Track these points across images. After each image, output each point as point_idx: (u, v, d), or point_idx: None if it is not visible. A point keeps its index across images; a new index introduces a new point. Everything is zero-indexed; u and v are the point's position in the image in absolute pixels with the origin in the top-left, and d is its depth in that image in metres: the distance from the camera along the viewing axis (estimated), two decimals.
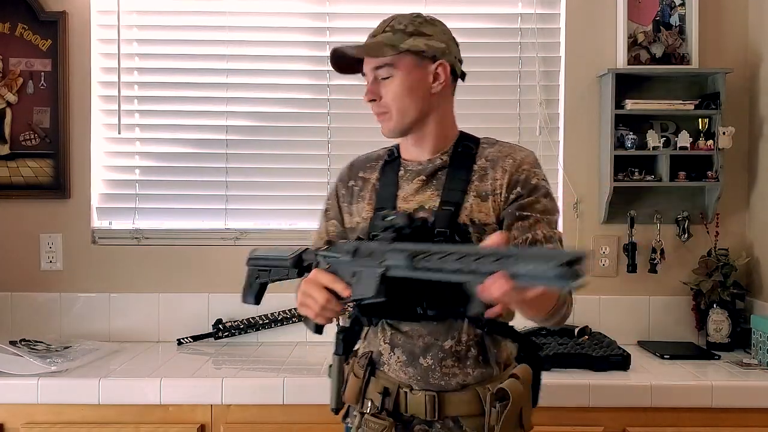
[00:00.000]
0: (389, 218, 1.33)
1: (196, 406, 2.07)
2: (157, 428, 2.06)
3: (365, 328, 1.57)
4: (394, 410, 1.47)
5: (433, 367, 1.46)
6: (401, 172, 1.55)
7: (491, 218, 1.46)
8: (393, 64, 1.48)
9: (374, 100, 1.50)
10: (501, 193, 1.47)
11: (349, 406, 1.56)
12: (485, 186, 1.48)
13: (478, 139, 1.57)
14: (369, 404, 1.48)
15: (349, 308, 1.52)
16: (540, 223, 1.44)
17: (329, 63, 1.56)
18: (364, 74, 1.54)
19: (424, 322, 1.45)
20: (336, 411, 1.53)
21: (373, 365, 1.51)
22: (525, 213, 1.45)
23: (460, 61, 1.57)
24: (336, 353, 1.51)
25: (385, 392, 1.47)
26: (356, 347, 1.59)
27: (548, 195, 1.49)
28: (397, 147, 1.60)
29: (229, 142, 2.62)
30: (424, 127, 1.52)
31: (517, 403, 1.41)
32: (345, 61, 1.53)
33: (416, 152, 1.55)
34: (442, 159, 1.52)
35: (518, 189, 1.47)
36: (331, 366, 1.54)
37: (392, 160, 1.58)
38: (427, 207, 1.47)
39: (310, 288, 1.37)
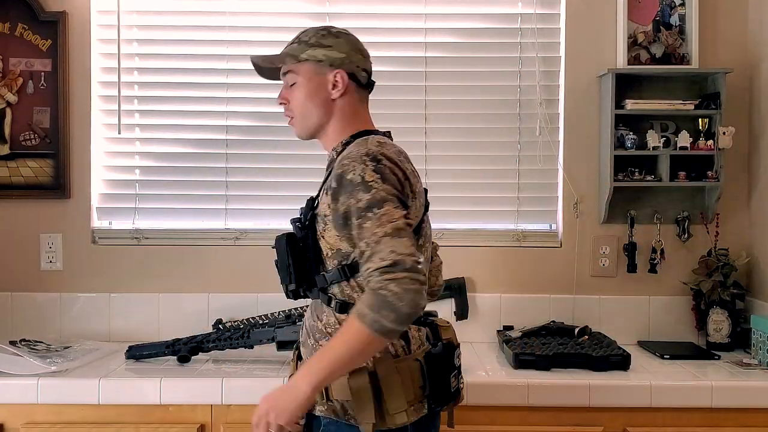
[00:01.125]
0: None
1: (196, 406, 2.07)
2: (157, 428, 2.06)
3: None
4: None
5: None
6: None
7: (327, 211, 1.53)
8: (296, 72, 1.64)
9: (284, 104, 1.67)
10: (328, 191, 1.52)
11: None
12: (327, 183, 1.55)
13: (352, 142, 1.59)
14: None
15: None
16: (362, 230, 1.43)
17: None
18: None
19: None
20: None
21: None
22: (349, 222, 1.46)
23: (365, 70, 1.65)
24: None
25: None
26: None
27: (364, 188, 1.44)
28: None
29: (229, 142, 2.62)
30: (327, 130, 1.64)
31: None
32: (265, 69, 1.75)
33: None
34: (330, 156, 1.64)
35: (333, 186, 1.49)
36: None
37: None
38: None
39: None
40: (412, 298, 1.34)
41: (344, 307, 1.52)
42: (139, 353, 2.28)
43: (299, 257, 1.57)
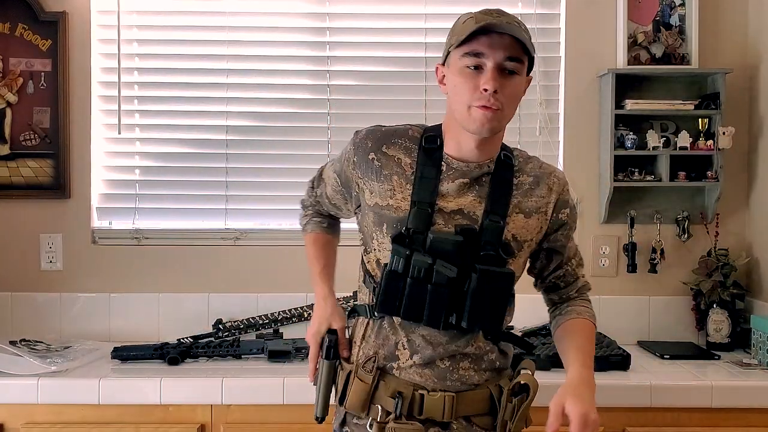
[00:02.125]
0: (451, 239, 1.40)
1: (196, 406, 2.07)
2: (157, 428, 2.06)
3: (360, 331, 1.52)
4: (408, 414, 1.44)
5: (451, 368, 1.45)
6: (443, 167, 1.47)
7: (531, 235, 1.50)
8: (523, 62, 1.41)
9: (494, 92, 1.37)
10: (547, 212, 1.51)
11: (346, 413, 1.52)
12: (529, 202, 1.49)
13: (511, 149, 1.55)
14: (379, 410, 1.44)
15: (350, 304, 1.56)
16: (570, 240, 1.60)
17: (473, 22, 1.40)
18: (476, 54, 1.39)
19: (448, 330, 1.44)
20: (321, 419, 1.52)
21: (381, 369, 1.47)
22: (567, 235, 1.58)
23: None
24: (326, 358, 1.51)
25: (400, 396, 1.43)
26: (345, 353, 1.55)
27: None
28: (437, 133, 1.51)
29: (229, 142, 2.62)
30: (502, 132, 1.50)
31: (534, 395, 1.45)
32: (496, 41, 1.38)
33: (468, 152, 1.46)
34: (489, 166, 1.48)
35: (566, 210, 1.54)
36: (318, 369, 1.54)
37: (435, 149, 1.48)
38: (466, 212, 1.45)
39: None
40: None
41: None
42: (126, 354, 2.27)
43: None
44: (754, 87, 2.54)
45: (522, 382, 1.45)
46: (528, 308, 2.57)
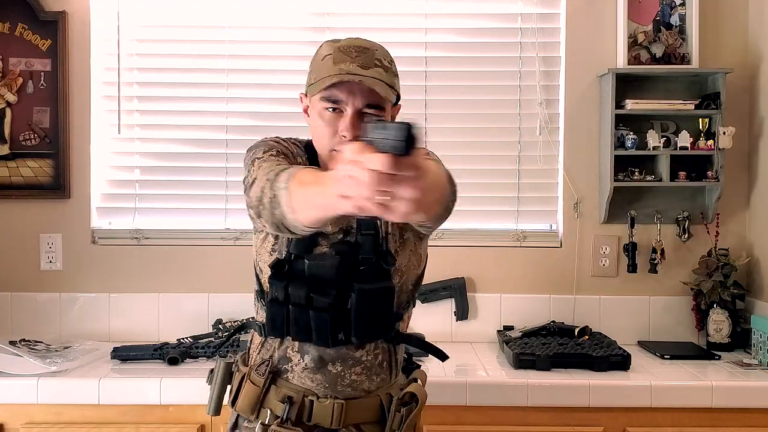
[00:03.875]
0: (328, 263, 1.38)
1: (196, 406, 2.07)
2: (157, 428, 2.06)
3: (257, 340, 1.53)
4: (297, 419, 1.44)
5: (342, 373, 1.45)
6: None
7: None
8: (384, 108, 1.38)
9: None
10: None
11: (238, 416, 1.51)
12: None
13: None
14: (268, 414, 1.44)
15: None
16: None
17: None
18: (335, 101, 1.36)
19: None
20: (214, 415, 1.54)
21: (274, 373, 1.47)
22: None
23: None
24: (222, 356, 1.51)
25: (289, 401, 1.44)
26: (249, 355, 1.55)
27: None
28: (309, 147, 1.49)
29: (229, 142, 2.62)
30: None
31: (422, 406, 1.46)
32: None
33: None
34: None
35: None
36: (212, 371, 1.57)
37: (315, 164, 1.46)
38: (346, 228, 1.43)
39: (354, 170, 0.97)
40: None
41: None
42: (126, 354, 2.28)
43: None
44: (754, 87, 2.53)
45: (411, 392, 1.47)
46: (528, 308, 2.60)
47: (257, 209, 1.27)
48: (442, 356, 1.62)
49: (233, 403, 1.51)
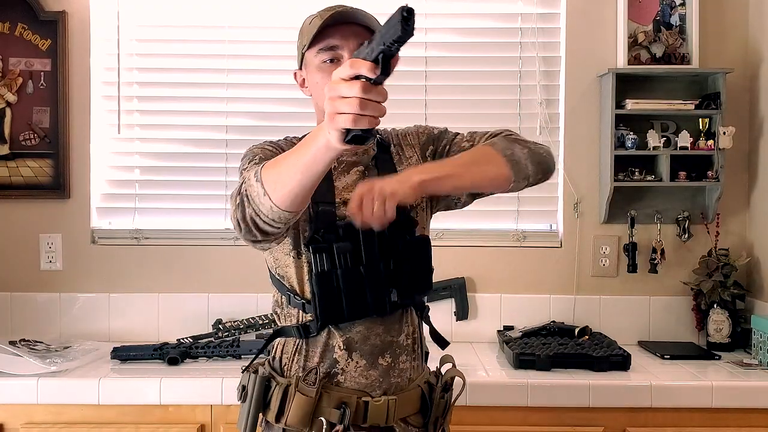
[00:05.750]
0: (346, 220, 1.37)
1: (196, 406, 2.07)
2: (157, 428, 2.06)
3: (294, 343, 1.47)
4: (352, 423, 1.41)
5: (392, 364, 1.46)
6: (334, 165, 1.47)
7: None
8: None
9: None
10: (423, 154, 1.56)
11: (283, 430, 1.44)
12: (406, 167, 1.51)
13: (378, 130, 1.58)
14: (324, 423, 1.39)
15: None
16: (458, 139, 1.59)
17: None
18: (330, 48, 1.41)
19: (378, 318, 1.43)
20: None
21: (324, 380, 1.42)
22: (451, 149, 1.57)
23: None
24: (255, 372, 1.47)
25: (344, 406, 1.40)
26: (283, 364, 1.49)
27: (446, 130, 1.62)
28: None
29: (229, 142, 2.62)
30: None
31: (464, 387, 1.53)
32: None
33: None
34: (374, 149, 1.53)
35: (425, 131, 1.59)
36: (244, 387, 1.50)
37: None
38: None
39: (339, 87, 1.06)
40: None
41: None
42: (125, 354, 2.28)
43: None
44: (754, 87, 2.53)
45: (452, 376, 1.53)
46: (528, 308, 2.60)
47: (238, 226, 1.35)
48: (444, 343, 1.63)
49: (278, 419, 1.44)
